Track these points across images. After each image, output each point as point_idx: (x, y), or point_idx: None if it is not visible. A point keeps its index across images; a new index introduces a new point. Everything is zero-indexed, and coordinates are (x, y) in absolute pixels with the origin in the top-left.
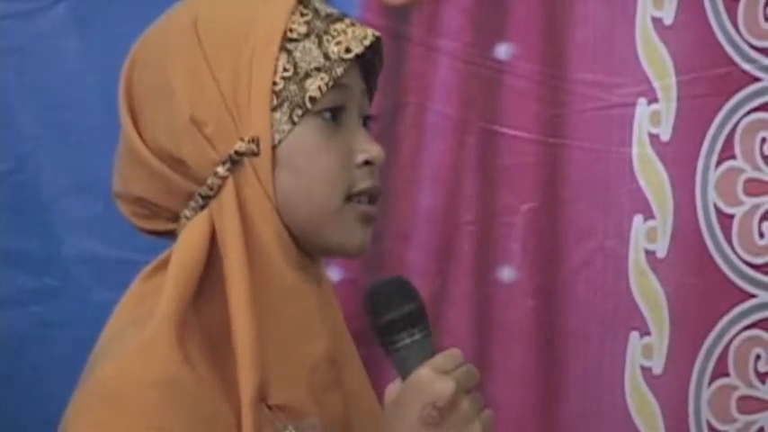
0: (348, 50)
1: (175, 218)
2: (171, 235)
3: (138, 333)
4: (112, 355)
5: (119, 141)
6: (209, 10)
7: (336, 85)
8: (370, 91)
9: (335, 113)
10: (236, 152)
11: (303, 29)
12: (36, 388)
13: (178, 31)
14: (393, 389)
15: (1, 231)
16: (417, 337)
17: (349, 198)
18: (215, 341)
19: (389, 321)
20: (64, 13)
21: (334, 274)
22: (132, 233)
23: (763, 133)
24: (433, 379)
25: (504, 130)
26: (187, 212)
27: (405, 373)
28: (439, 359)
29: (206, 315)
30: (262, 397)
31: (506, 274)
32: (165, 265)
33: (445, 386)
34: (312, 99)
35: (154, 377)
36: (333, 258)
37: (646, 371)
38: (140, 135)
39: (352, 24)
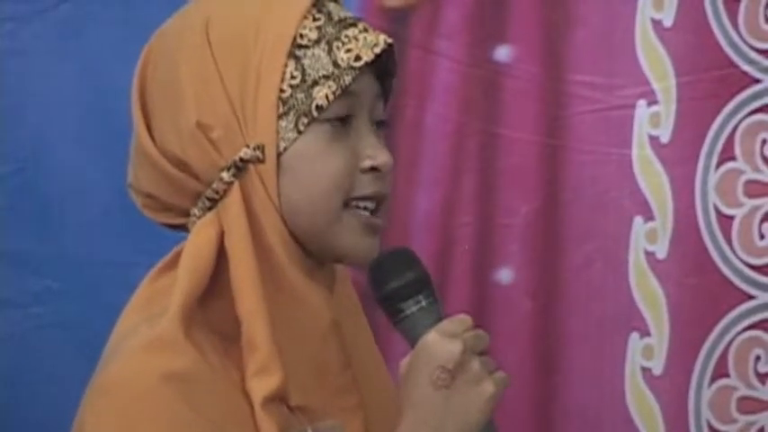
0: (358, 58)
1: (185, 213)
2: (182, 228)
3: (149, 331)
4: (122, 352)
5: (124, 141)
6: (222, 12)
7: (344, 93)
8: (385, 94)
9: (344, 121)
10: (241, 159)
11: (314, 35)
12: (37, 389)
13: (190, 32)
14: (405, 362)
15: (3, 233)
16: (424, 303)
17: (348, 203)
18: (227, 341)
19: (394, 289)
20: (65, 16)
21: None
22: (134, 235)
23: (763, 135)
24: (441, 341)
25: (504, 131)
26: (196, 211)
27: (413, 341)
28: (446, 323)
29: (216, 315)
30: (283, 397)
31: (505, 275)
32: (173, 264)
33: (453, 347)
34: (318, 107)
35: (164, 370)
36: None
37: (646, 372)
38: (151, 134)
39: (365, 30)
